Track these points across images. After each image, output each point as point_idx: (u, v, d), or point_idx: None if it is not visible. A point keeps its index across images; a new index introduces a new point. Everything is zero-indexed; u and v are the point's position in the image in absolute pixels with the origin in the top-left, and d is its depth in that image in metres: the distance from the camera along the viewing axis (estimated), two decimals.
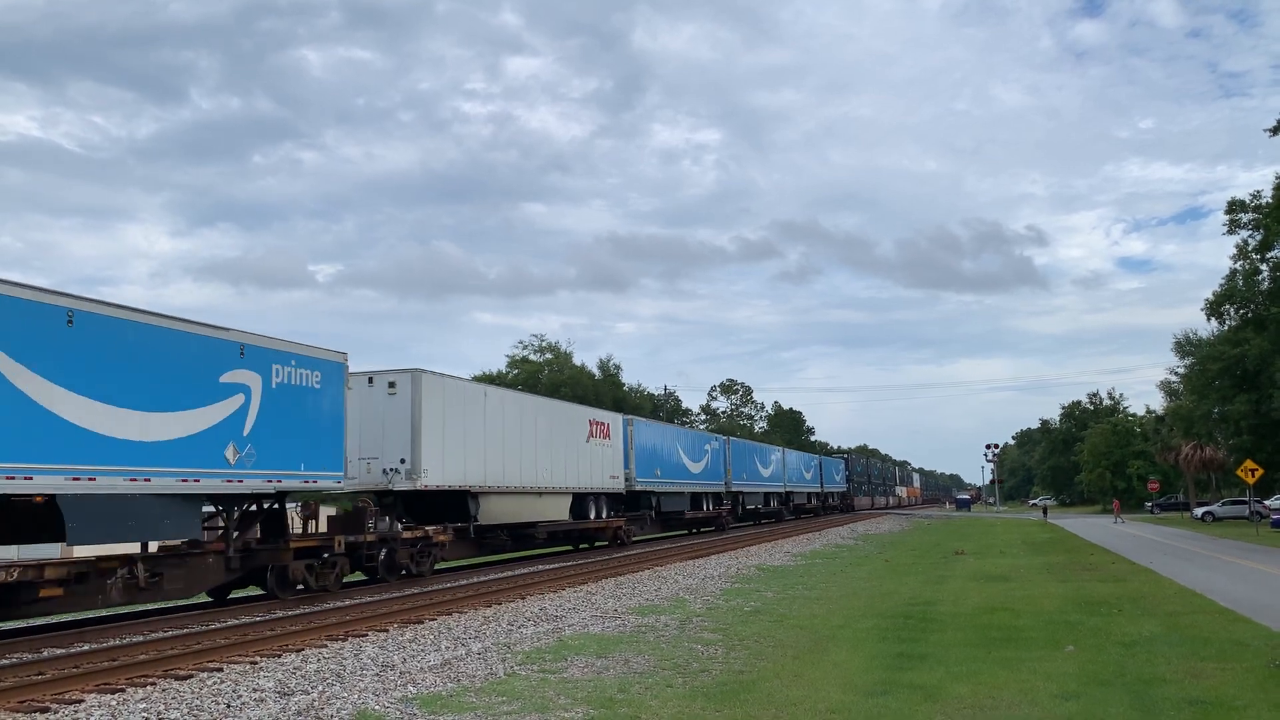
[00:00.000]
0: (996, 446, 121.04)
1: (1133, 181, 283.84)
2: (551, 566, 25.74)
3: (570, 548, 33.34)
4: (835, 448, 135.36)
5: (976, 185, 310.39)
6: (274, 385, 17.12)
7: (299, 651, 12.40)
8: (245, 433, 16.37)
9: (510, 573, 23.82)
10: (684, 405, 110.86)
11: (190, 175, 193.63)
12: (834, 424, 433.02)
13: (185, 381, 15.33)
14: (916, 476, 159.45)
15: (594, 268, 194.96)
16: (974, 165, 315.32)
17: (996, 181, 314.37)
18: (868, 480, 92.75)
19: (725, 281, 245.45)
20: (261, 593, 18.44)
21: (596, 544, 33.66)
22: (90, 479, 13.49)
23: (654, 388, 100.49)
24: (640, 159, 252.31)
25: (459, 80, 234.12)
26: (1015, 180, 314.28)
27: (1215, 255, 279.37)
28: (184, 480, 15.12)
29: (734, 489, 48.44)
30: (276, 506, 18.08)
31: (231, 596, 18.90)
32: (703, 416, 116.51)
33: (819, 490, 70.55)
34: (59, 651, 12.47)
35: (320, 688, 10.14)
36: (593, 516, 31.22)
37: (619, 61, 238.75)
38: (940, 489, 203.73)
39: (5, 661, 11.62)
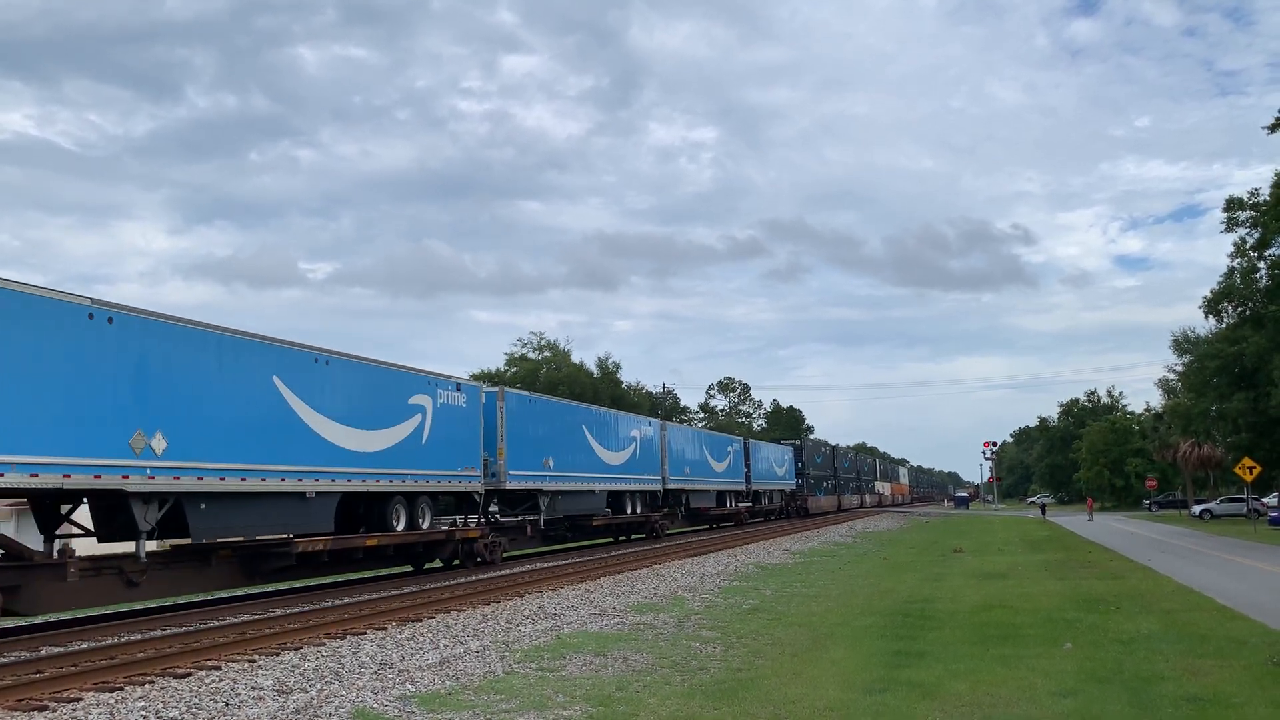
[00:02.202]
0: (994, 444, 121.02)
1: (1129, 179, 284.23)
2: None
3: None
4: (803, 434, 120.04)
5: (973, 183, 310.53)
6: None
7: (297, 650, 12.39)
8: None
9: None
10: (682, 403, 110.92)
11: (187, 173, 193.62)
12: (831, 422, 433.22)
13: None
14: (904, 471, 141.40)
15: (591, 266, 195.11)
16: (970, 163, 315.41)
17: (993, 179, 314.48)
18: (833, 475, 74.15)
19: (721, 279, 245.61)
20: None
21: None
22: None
23: (652, 385, 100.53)
24: (637, 157, 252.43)
25: (455, 78, 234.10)
26: (1012, 178, 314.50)
27: (1212, 253, 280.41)
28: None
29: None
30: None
31: (235, 594, 19.07)
32: (701, 415, 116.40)
33: (743, 488, 50.25)
34: (57, 650, 12.46)
35: (319, 686, 10.13)
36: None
37: (615, 59, 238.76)
38: (935, 486, 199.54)
39: (3, 660, 11.61)
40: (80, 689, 10.01)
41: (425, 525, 22.06)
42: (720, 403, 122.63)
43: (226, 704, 9.32)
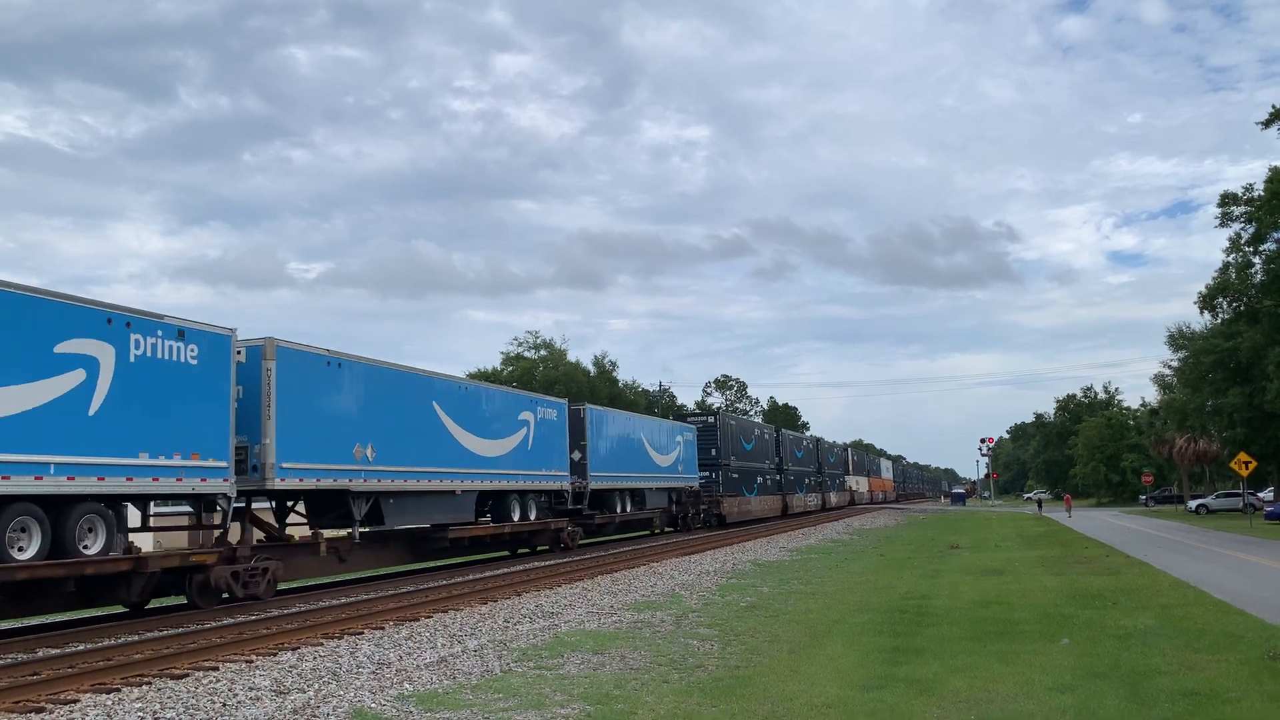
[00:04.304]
0: (991, 440, 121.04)
1: (1122, 176, 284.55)
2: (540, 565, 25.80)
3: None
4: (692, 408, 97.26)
5: (965, 181, 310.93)
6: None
7: (295, 650, 12.38)
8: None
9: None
10: (679, 401, 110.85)
11: (181, 174, 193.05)
12: (827, 419, 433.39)
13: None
14: (887, 465, 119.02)
15: (585, 265, 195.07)
16: (963, 161, 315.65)
17: (985, 177, 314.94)
18: (775, 467, 54.46)
19: (715, 278, 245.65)
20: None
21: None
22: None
23: (648, 384, 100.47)
24: (630, 156, 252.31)
25: (448, 78, 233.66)
26: (1004, 176, 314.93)
27: (1206, 249, 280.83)
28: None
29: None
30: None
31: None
32: (699, 413, 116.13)
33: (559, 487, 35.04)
34: (54, 651, 12.42)
35: (316, 686, 10.12)
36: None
37: (608, 58, 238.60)
38: (927, 482, 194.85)
39: (0, 661, 11.58)
40: (77, 690, 9.99)
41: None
42: (717, 400, 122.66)
43: (224, 704, 9.30)
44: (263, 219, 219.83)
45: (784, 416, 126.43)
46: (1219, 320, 53.69)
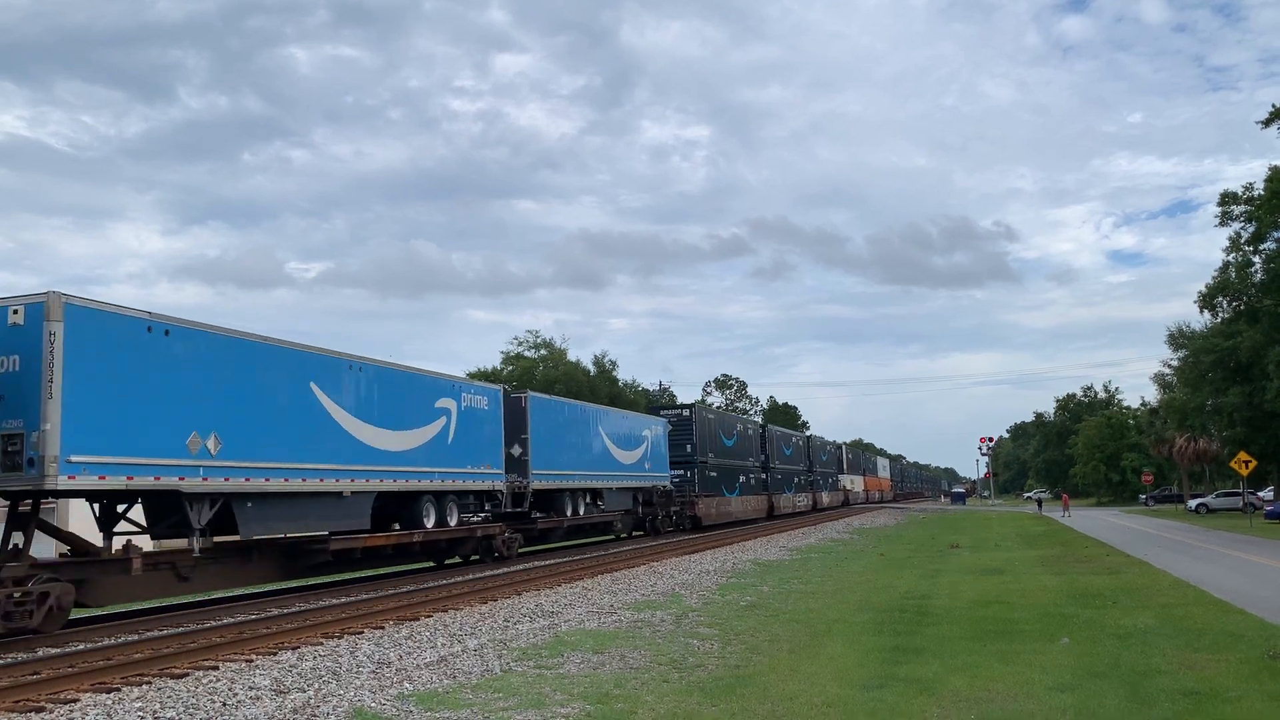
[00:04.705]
0: (990, 440, 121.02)
1: (1121, 175, 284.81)
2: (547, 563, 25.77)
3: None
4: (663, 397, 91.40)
5: (965, 181, 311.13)
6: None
7: (295, 649, 12.38)
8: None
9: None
10: (679, 401, 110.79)
11: (181, 174, 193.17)
12: (827, 419, 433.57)
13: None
14: (884, 464, 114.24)
15: (585, 265, 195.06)
16: (962, 161, 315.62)
17: (985, 177, 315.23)
18: (761, 465, 51.53)
19: (715, 278, 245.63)
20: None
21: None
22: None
23: (648, 384, 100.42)
24: (630, 155, 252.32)
25: (448, 78, 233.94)
26: (1004, 176, 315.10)
27: (1205, 248, 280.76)
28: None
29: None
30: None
31: (234, 594, 19.02)
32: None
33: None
34: (54, 651, 12.43)
35: (316, 685, 10.12)
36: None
37: (607, 58, 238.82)
38: (926, 482, 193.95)
39: (1, 661, 11.58)
40: (78, 690, 9.99)
41: (453, 522, 22.92)
42: (717, 400, 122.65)
43: (224, 704, 9.30)
44: (262, 219, 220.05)
45: (784, 416, 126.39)
46: (1219, 319, 53.71)
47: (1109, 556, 26.07)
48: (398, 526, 21.10)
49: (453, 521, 22.74)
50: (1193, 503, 61.48)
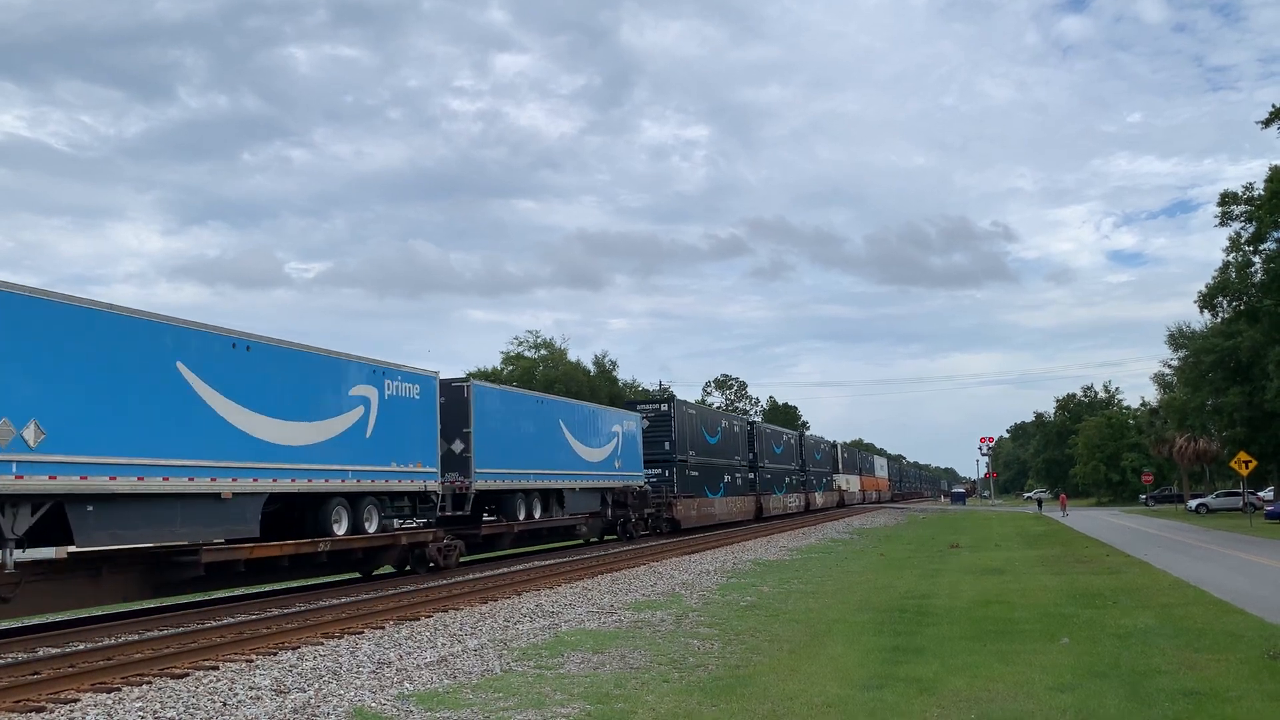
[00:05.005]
0: (990, 440, 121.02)
1: (1121, 175, 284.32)
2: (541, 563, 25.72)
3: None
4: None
5: (965, 180, 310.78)
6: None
7: (295, 649, 12.39)
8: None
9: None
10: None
11: (180, 174, 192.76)
12: (828, 419, 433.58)
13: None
14: (882, 463, 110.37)
15: (584, 265, 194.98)
16: (962, 161, 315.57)
17: (984, 177, 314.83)
18: (748, 463, 49.25)
19: (715, 277, 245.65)
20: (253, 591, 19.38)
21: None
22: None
23: (649, 383, 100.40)
24: (630, 155, 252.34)
25: (447, 77, 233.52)
26: (1004, 175, 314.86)
27: (1205, 248, 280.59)
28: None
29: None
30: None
31: (235, 594, 19.01)
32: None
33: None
34: (54, 651, 12.44)
35: (317, 685, 10.13)
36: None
37: (607, 58, 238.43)
38: (926, 481, 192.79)
39: (1, 661, 11.59)
40: (78, 690, 10.00)
41: (373, 528, 20.04)
42: (717, 400, 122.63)
43: (224, 704, 9.31)
44: (262, 218, 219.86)
45: (784, 416, 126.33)
46: (1219, 319, 53.71)
47: (1109, 556, 26.07)
48: (304, 534, 18.23)
49: (372, 527, 19.99)
50: (1193, 503, 61.48)
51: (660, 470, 37.73)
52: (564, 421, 29.30)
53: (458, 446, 23.56)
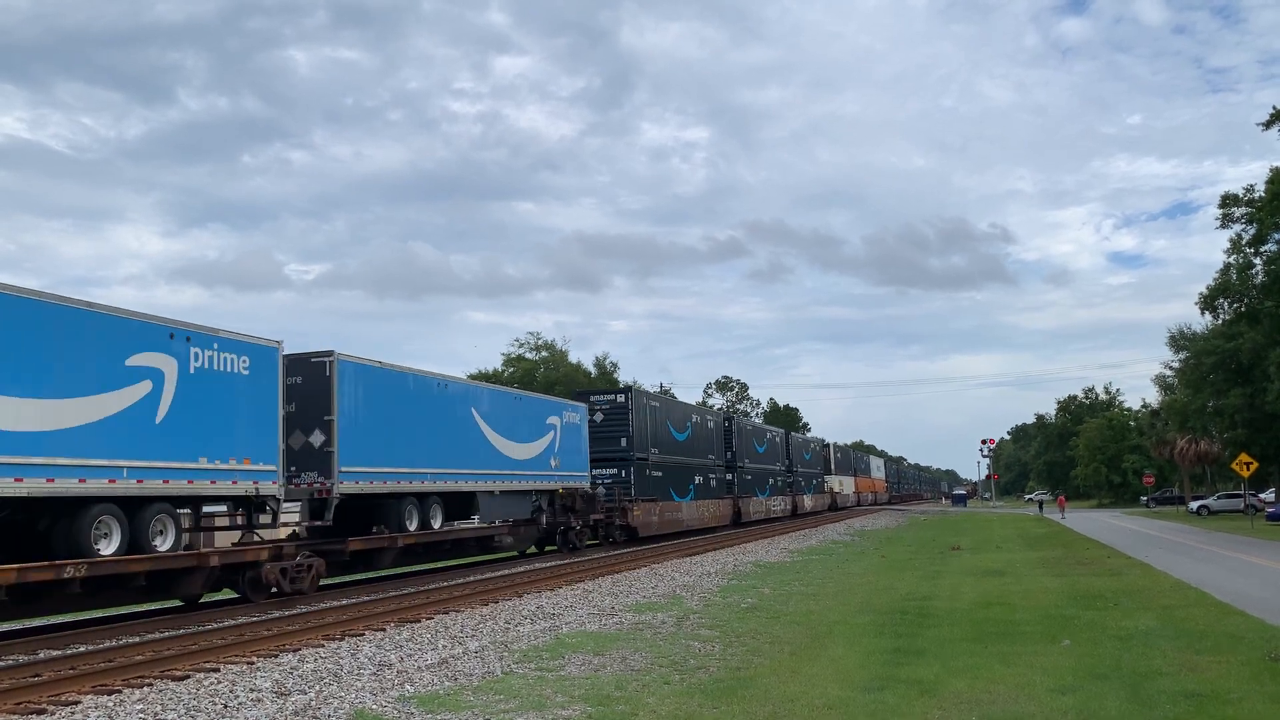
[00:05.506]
0: (991, 442, 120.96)
1: (1121, 177, 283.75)
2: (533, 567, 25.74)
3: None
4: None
5: (964, 182, 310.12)
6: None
7: (296, 651, 12.38)
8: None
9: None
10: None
11: (180, 176, 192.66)
12: (828, 420, 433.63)
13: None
14: (879, 464, 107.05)
15: (583, 266, 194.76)
16: (962, 162, 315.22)
17: (984, 178, 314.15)
18: (725, 463, 45.29)
19: (715, 279, 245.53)
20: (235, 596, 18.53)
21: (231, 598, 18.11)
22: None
23: (649, 385, 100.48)
24: (630, 157, 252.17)
25: (447, 79, 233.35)
26: (1003, 177, 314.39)
27: (1206, 250, 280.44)
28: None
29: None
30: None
31: (235, 595, 18.98)
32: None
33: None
34: (55, 653, 12.43)
35: (317, 687, 10.13)
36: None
37: (607, 60, 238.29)
38: (927, 483, 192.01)
39: (1, 663, 11.60)
40: (79, 692, 10.00)
41: (166, 546, 15.16)
42: (718, 401, 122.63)
43: (225, 706, 9.31)
44: (262, 220, 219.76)
45: (785, 418, 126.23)
46: (1220, 321, 53.71)
47: (1110, 558, 26.06)
48: (52, 555, 13.47)
49: (166, 544, 15.10)
50: (1194, 504, 61.48)
51: (616, 470, 33.30)
52: (478, 410, 24.33)
53: (317, 438, 18.96)
